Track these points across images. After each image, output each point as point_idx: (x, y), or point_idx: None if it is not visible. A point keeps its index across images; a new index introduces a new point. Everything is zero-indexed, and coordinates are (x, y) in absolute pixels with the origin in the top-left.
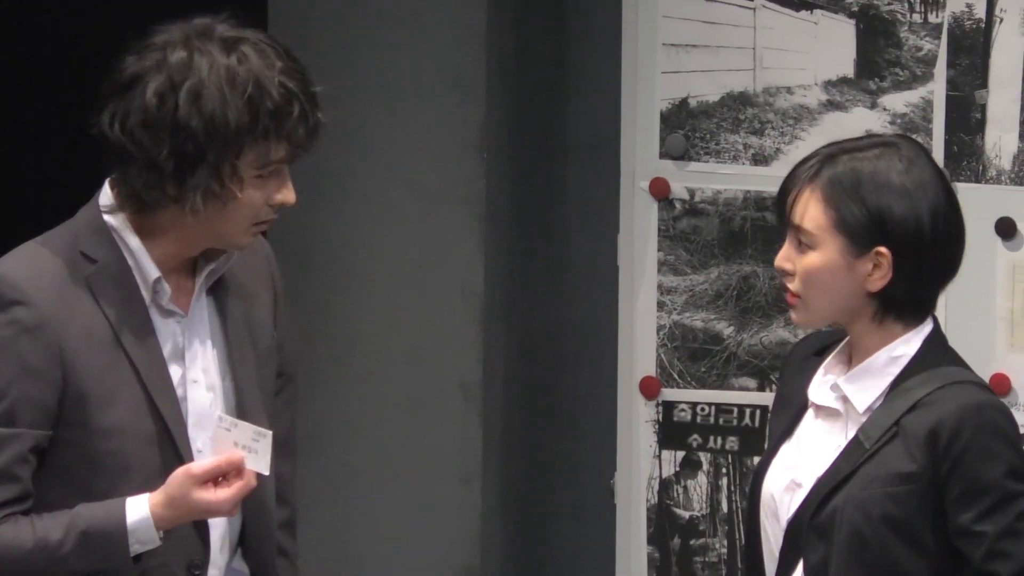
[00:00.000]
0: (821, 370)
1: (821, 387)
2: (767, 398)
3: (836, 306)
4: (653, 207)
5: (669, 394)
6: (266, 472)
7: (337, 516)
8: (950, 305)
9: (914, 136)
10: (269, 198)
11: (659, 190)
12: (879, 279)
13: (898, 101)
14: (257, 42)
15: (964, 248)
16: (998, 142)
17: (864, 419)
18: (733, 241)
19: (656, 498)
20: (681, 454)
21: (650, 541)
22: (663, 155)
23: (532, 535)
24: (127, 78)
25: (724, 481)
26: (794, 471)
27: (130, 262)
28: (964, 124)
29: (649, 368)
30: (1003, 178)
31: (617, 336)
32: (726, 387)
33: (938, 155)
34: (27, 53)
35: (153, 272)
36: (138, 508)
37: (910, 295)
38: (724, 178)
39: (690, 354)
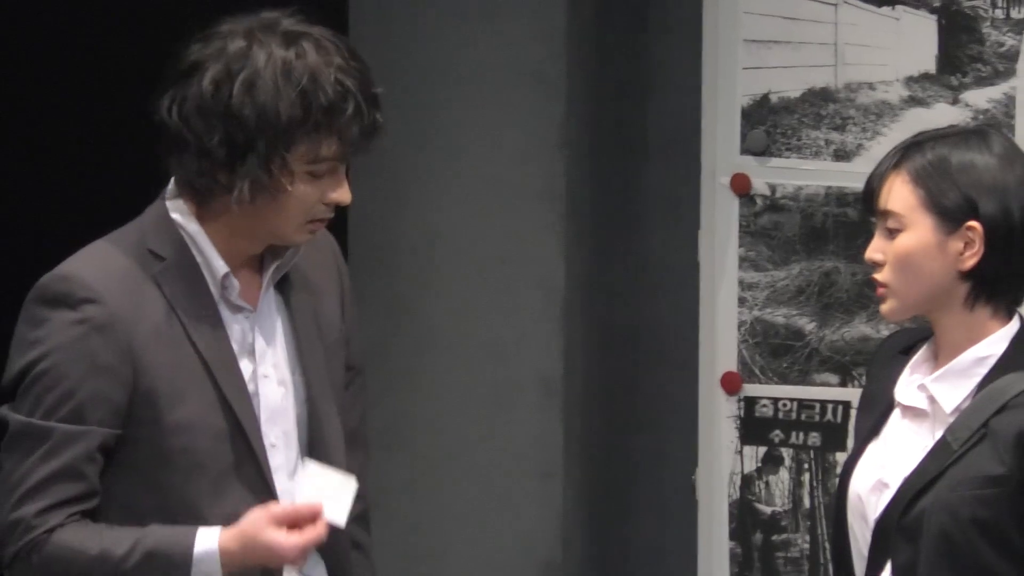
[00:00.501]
0: (907, 369)
1: (908, 387)
2: (849, 394)
3: (928, 291)
4: (734, 203)
5: (751, 390)
6: (342, 523)
7: (417, 511)
8: None
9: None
10: (323, 196)
11: (740, 186)
12: (971, 256)
13: (980, 97)
14: (319, 38)
15: None
16: None
17: (951, 420)
18: (814, 237)
19: (738, 494)
20: (763, 450)
21: (732, 537)
22: (744, 151)
23: (613, 531)
24: (188, 65)
25: (806, 477)
26: (881, 471)
27: (198, 259)
28: None
29: (730, 364)
30: None
31: (698, 332)
32: (808, 383)
33: None
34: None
35: (221, 267)
36: (208, 539)
37: (1002, 273)
38: (805, 174)
39: (772, 350)
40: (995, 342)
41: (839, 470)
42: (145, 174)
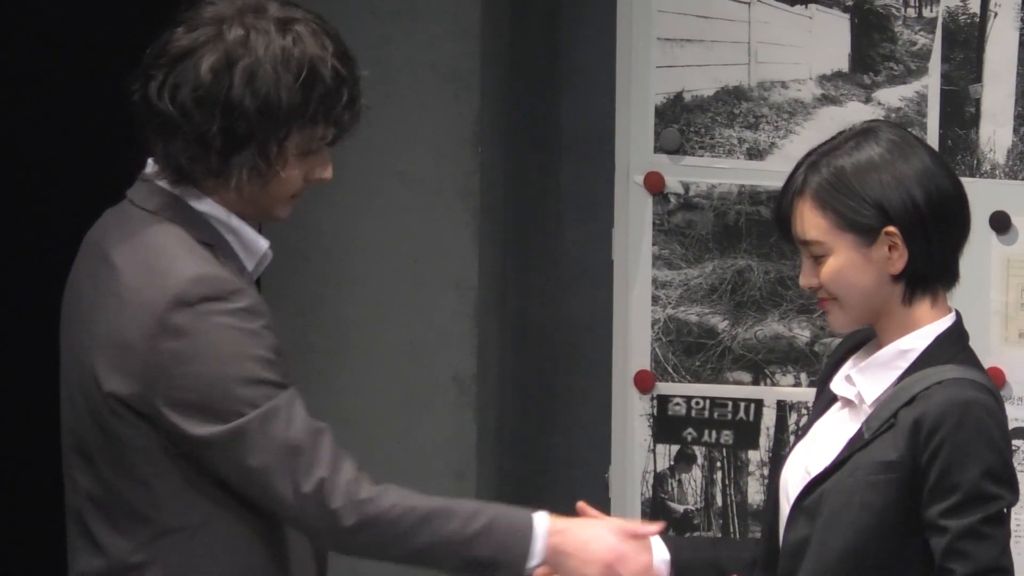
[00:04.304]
0: (849, 362)
1: (839, 378)
2: (762, 392)
3: (869, 300)
4: (648, 201)
5: (664, 388)
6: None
7: None
8: None
9: (909, 130)
10: (309, 174)
11: (654, 184)
12: (898, 259)
13: (892, 95)
14: (309, 22)
15: (967, 202)
16: (992, 136)
17: (870, 408)
18: (728, 235)
19: (651, 492)
20: (676, 448)
21: None
22: (657, 149)
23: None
24: (179, 50)
25: (719, 475)
26: (808, 460)
27: (228, 238)
28: (958, 118)
29: (644, 362)
30: (997, 172)
31: (612, 330)
32: (721, 381)
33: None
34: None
35: (262, 243)
36: (542, 522)
37: (931, 263)
38: (719, 172)
39: (685, 348)
40: (921, 336)
41: (751, 468)
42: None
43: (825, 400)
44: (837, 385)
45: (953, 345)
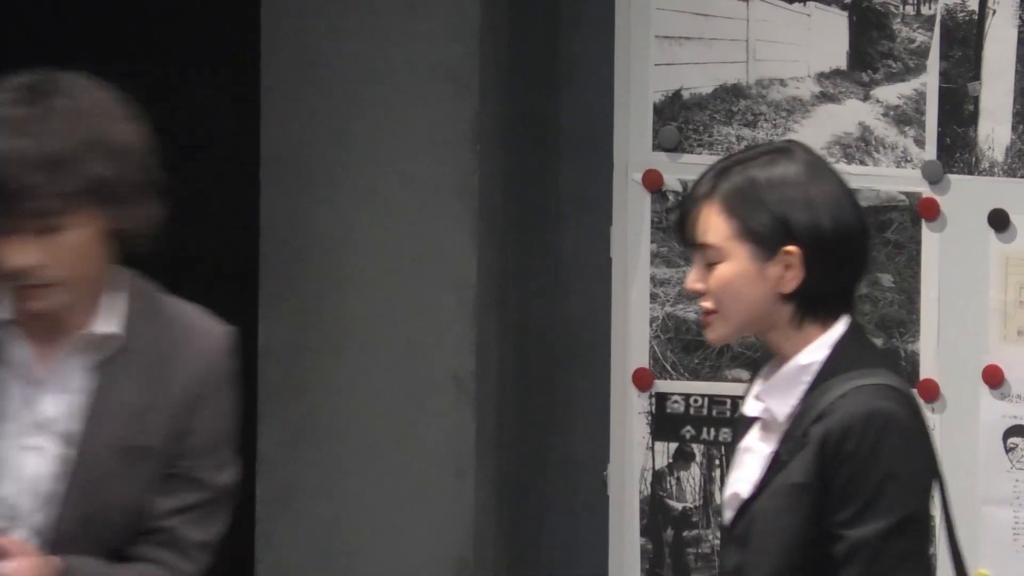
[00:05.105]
0: (757, 381)
1: (750, 398)
2: None
3: (752, 315)
4: (646, 199)
5: (662, 386)
6: None
7: (331, 508)
8: (943, 296)
9: (907, 128)
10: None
11: (652, 182)
12: (791, 280)
13: (891, 93)
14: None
15: (870, 239)
16: (991, 134)
17: (782, 428)
18: None
19: (649, 490)
20: (674, 446)
21: (643, 533)
22: (656, 147)
23: (525, 527)
24: None
25: (717, 472)
26: (736, 483)
27: None
28: (957, 116)
29: (642, 360)
30: (996, 170)
31: (610, 328)
32: (719, 379)
33: (931, 147)
34: None
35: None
36: None
37: (825, 291)
38: None
39: (683, 346)
40: (816, 349)
41: None
42: None
43: (746, 422)
44: (750, 406)
45: (853, 349)
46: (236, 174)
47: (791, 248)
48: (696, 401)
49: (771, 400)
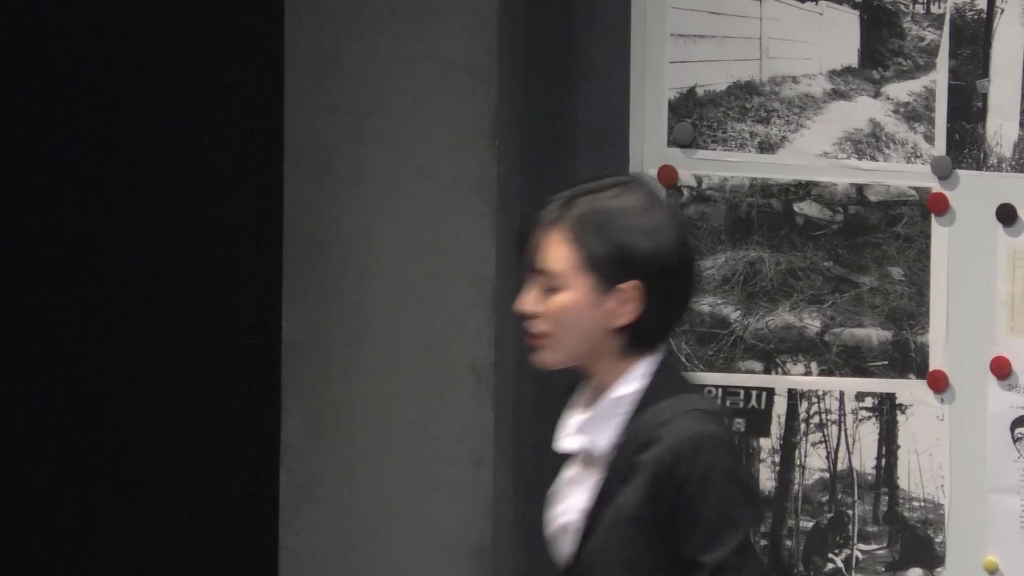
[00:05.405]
0: (572, 413)
1: (568, 430)
2: (773, 380)
3: (584, 344)
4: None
5: None
6: None
7: (350, 497)
8: (952, 289)
9: (917, 124)
10: None
11: (667, 177)
12: (628, 313)
13: (901, 90)
14: None
15: (699, 279)
16: (999, 130)
17: (606, 459)
18: (740, 227)
19: None
20: None
21: None
22: (671, 143)
23: (542, 516)
24: None
25: None
26: (562, 515)
27: None
28: (966, 112)
29: None
30: (1004, 165)
31: None
32: (733, 370)
33: (940, 143)
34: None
35: None
36: None
37: (656, 327)
38: (731, 166)
39: (698, 338)
40: (633, 379)
41: (763, 455)
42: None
43: (564, 455)
44: (569, 440)
45: (667, 377)
46: (260, 170)
47: (630, 283)
48: (710, 392)
49: (592, 433)
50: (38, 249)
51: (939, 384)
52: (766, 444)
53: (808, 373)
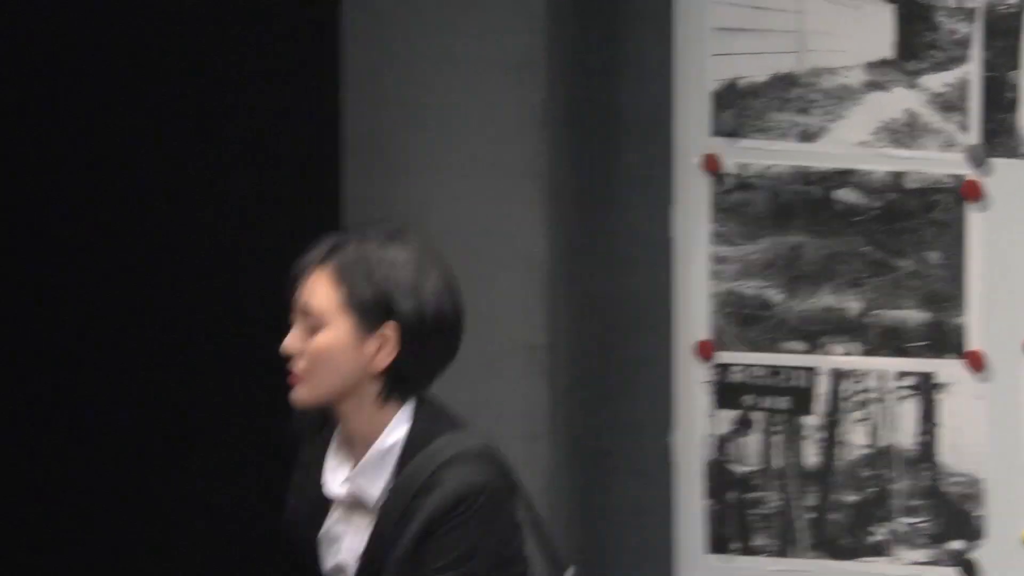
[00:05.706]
0: (331, 459)
1: (334, 480)
2: (815, 360)
3: (341, 385)
4: (705, 182)
5: (723, 357)
6: None
7: None
8: (987, 273)
9: (952, 114)
10: None
11: (711, 166)
12: (385, 357)
13: (936, 81)
14: None
15: (464, 328)
16: None
17: (378, 503)
18: (782, 213)
19: (714, 454)
20: (735, 413)
21: (707, 496)
22: (714, 133)
23: (596, 489)
24: None
25: (775, 438)
26: (336, 555)
27: None
28: (999, 103)
29: (704, 332)
30: None
31: (672, 302)
32: (777, 350)
33: (974, 133)
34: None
35: None
36: None
37: (415, 373)
38: (772, 154)
39: (743, 319)
40: (396, 427)
41: (805, 432)
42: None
43: (319, 489)
44: (336, 488)
45: (431, 419)
46: (320, 160)
47: (390, 325)
48: (755, 372)
49: (362, 481)
50: (80, 241)
51: (977, 363)
52: (809, 421)
53: (849, 353)
